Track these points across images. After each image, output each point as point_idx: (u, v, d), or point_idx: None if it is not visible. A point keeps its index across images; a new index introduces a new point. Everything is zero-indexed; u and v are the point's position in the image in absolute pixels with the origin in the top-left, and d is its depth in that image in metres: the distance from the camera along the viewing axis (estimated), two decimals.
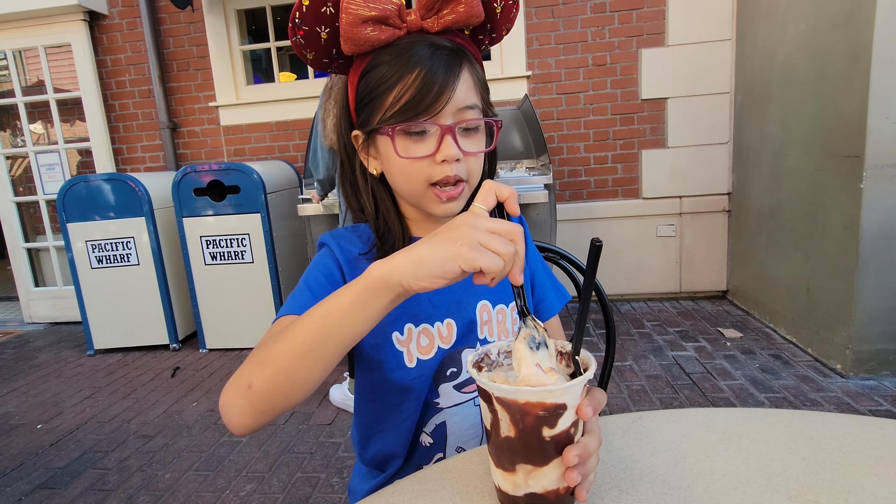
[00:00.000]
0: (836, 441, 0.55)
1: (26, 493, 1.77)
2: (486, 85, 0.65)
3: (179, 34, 3.48)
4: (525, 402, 0.43)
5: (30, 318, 3.72)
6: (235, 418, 0.50)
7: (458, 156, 0.59)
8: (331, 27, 0.60)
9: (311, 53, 0.63)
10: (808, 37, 2.36)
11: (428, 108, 0.57)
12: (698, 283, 3.34)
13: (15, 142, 3.75)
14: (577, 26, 3.16)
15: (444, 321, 0.67)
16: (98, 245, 2.94)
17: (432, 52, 0.58)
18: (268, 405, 0.49)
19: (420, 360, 0.66)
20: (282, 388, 0.49)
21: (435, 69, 0.57)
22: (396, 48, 0.59)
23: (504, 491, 0.47)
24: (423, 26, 0.60)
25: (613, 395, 2.16)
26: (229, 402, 0.50)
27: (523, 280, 0.47)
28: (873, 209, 2.04)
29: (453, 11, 0.59)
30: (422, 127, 0.59)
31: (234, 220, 2.86)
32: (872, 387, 2.08)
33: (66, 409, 2.38)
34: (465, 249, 0.43)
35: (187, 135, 3.59)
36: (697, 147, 3.20)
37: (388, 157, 0.62)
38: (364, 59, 0.61)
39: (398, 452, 0.69)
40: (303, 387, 0.49)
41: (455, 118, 0.59)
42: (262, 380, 0.49)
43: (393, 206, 0.68)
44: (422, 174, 0.60)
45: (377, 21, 0.57)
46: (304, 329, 0.48)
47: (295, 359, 0.48)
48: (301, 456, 1.89)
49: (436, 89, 0.57)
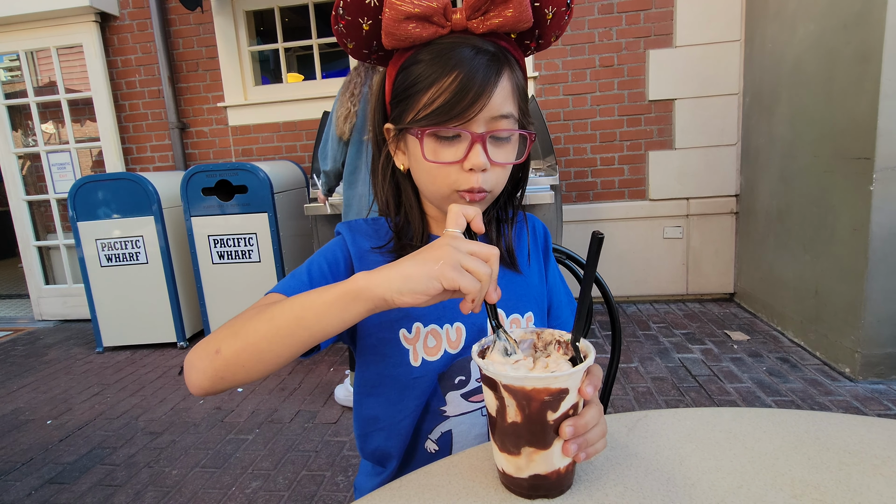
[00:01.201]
0: (842, 441, 0.55)
1: (36, 488, 1.79)
2: (526, 93, 0.63)
3: (189, 35, 3.51)
4: (532, 388, 0.44)
5: (40, 316, 3.77)
6: (196, 377, 0.53)
7: (485, 165, 0.58)
8: (373, 19, 0.59)
9: (352, 43, 0.62)
10: (818, 38, 2.35)
11: (461, 114, 0.56)
12: (705, 285, 3.33)
13: (27, 141, 3.79)
14: (584, 27, 3.16)
15: (453, 324, 0.67)
16: (107, 244, 2.97)
17: (473, 56, 0.56)
18: (229, 374, 0.52)
19: (425, 361, 0.66)
20: (245, 362, 0.51)
21: (473, 74, 0.55)
22: (437, 47, 0.57)
23: (508, 474, 0.48)
24: (468, 27, 0.58)
25: (619, 397, 2.16)
26: (194, 360, 0.53)
27: (498, 298, 0.50)
28: (883, 211, 2.02)
29: (500, 15, 0.57)
30: (453, 132, 0.58)
31: (242, 219, 2.88)
32: (882, 391, 2.06)
33: (75, 406, 2.40)
34: (446, 269, 0.46)
35: (196, 135, 3.62)
36: (705, 148, 3.18)
37: (415, 156, 0.61)
38: (404, 53, 0.60)
39: (394, 453, 0.69)
40: (265, 366, 0.51)
41: (488, 126, 0.58)
42: (231, 349, 0.51)
43: (416, 203, 0.68)
44: (448, 179, 0.60)
45: (421, 18, 0.56)
46: (283, 314, 0.50)
47: (266, 338, 0.50)
48: (307, 454, 1.90)
49: (471, 95, 0.55)
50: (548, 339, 0.54)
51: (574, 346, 0.50)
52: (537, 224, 0.79)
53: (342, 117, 2.01)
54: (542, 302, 0.74)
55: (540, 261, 0.76)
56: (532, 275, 0.74)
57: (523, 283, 0.72)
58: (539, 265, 0.76)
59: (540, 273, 0.76)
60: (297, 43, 3.57)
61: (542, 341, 0.54)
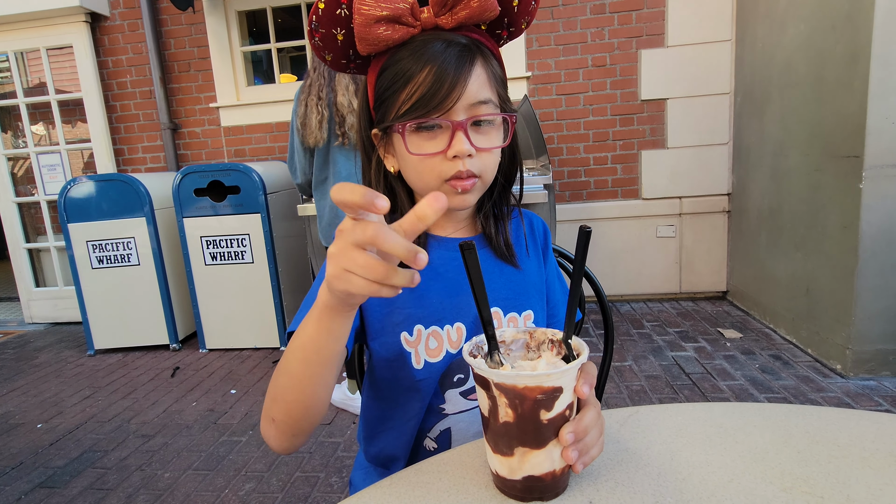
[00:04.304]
0: (831, 435, 0.55)
1: (26, 493, 1.77)
2: (504, 80, 0.64)
3: (180, 35, 3.49)
4: (524, 386, 0.43)
5: (30, 319, 3.73)
6: (274, 444, 0.56)
7: (469, 151, 0.59)
8: (346, 28, 0.60)
9: (330, 55, 0.63)
10: (808, 38, 2.37)
11: (439, 105, 0.57)
12: (698, 283, 3.34)
13: (16, 143, 3.76)
14: (576, 27, 3.17)
15: (454, 325, 0.67)
16: (99, 245, 2.94)
17: (444, 48, 0.58)
18: (296, 430, 0.55)
19: (427, 363, 0.66)
20: (297, 414, 0.53)
21: (446, 65, 0.57)
22: (410, 46, 0.59)
23: (502, 476, 0.48)
24: (438, 23, 0.60)
25: (613, 396, 2.16)
26: (264, 432, 0.57)
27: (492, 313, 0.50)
28: (873, 209, 2.04)
29: (466, 7, 0.59)
30: (433, 123, 0.59)
31: (235, 220, 2.86)
32: (872, 387, 2.08)
33: (66, 409, 2.38)
34: (332, 280, 0.41)
35: (188, 135, 3.60)
36: (697, 148, 3.20)
37: (402, 154, 0.62)
38: (381, 58, 0.62)
39: (400, 454, 0.69)
40: (316, 407, 0.53)
41: (468, 114, 0.59)
42: (280, 413, 0.54)
43: (410, 204, 0.68)
44: (434, 171, 0.61)
45: (390, 20, 0.57)
46: (290, 365, 0.52)
47: (295, 390, 0.52)
48: (300, 455, 1.89)
49: (447, 85, 0.57)
50: (540, 339, 0.53)
51: (566, 344, 0.49)
52: (535, 221, 0.78)
53: (314, 124, 1.87)
54: (542, 299, 0.74)
55: (539, 257, 0.76)
56: (531, 271, 0.74)
57: (522, 279, 0.72)
58: (538, 261, 0.76)
59: (539, 269, 0.75)
60: (290, 43, 3.56)
61: (535, 341, 0.54)
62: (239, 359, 2.86)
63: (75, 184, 2.89)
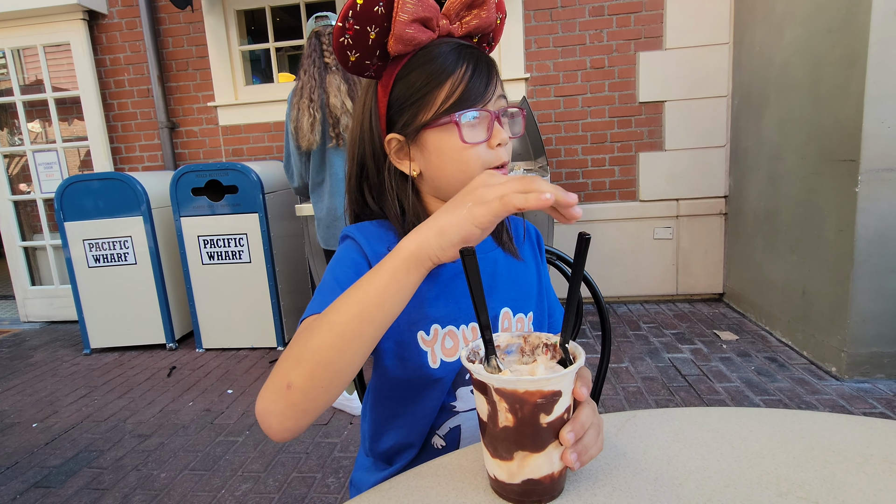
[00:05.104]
0: (826, 440, 0.55)
1: (21, 492, 1.76)
2: None
3: (179, 34, 3.48)
4: (524, 390, 0.44)
5: (26, 317, 3.72)
6: (276, 422, 0.49)
7: (507, 139, 0.64)
8: (380, 27, 0.61)
9: (356, 55, 0.62)
10: (805, 41, 2.38)
11: (482, 96, 0.62)
12: (695, 285, 3.36)
13: (13, 140, 3.74)
14: (575, 29, 3.18)
15: (469, 325, 0.68)
16: (95, 244, 2.93)
17: (469, 50, 0.63)
18: (310, 401, 0.49)
19: (444, 362, 0.67)
20: (322, 381, 0.48)
21: (479, 62, 0.62)
22: (433, 49, 0.62)
23: (500, 480, 0.48)
24: (451, 31, 0.65)
25: (609, 397, 2.17)
26: (267, 405, 0.49)
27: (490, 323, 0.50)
28: (868, 213, 2.05)
29: (477, 17, 0.64)
30: (480, 112, 0.62)
31: (232, 219, 2.86)
32: (867, 389, 2.09)
33: (62, 408, 2.37)
34: (475, 209, 0.46)
35: (186, 134, 3.59)
36: (695, 150, 3.21)
37: (439, 150, 0.63)
38: (396, 64, 0.63)
39: (415, 441, 0.70)
40: (343, 377, 0.49)
41: (495, 106, 0.63)
42: (302, 376, 0.48)
43: (421, 208, 0.69)
44: (479, 159, 0.63)
45: (423, 22, 0.61)
46: (341, 318, 0.48)
47: (334, 349, 0.48)
48: (297, 456, 1.89)
49: (485, 78, 0.62)
50: (535, 343, 0.53)
51: (563, 349, 0.50)
52: (529, 226, 0.80)
53: (306, 127, 1.87)
54: (542, 301, 0.76)
55: (536, 259, 0.78)
56: (530, 271, 0.75)
57: (525, 281, 0.74)
58: (536, 264, 0.77)
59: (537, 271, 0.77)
60: (289, 43, 3.56)
61: (530, 345, 0.54)
62: (236, 359, 2.86)
63: (72, 182, 2.88)
